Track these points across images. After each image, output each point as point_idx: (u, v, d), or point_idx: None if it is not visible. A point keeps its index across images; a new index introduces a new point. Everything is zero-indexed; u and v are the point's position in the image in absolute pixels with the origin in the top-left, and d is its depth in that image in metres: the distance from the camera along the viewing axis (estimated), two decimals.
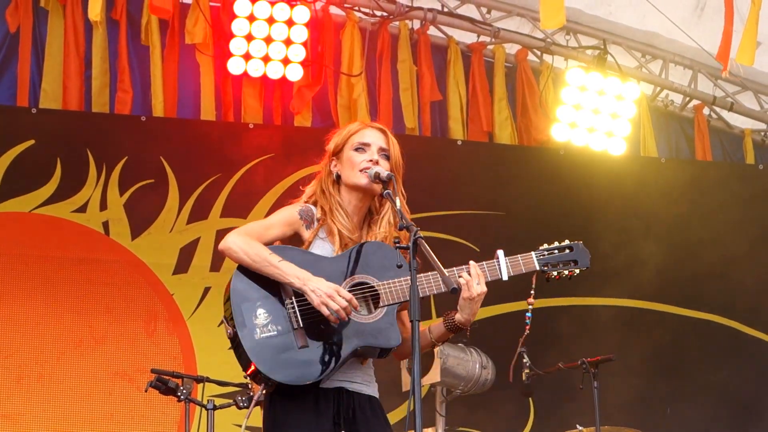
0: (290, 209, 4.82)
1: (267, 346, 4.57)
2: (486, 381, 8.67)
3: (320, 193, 4.85)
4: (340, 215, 4.77)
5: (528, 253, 4.81)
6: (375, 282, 4.65)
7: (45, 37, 9.24)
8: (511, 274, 4.75)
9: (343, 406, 4.64)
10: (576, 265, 4.87)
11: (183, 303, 8.86)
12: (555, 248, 4.86)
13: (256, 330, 4.59)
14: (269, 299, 4.64)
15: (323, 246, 4.74)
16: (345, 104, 9.71)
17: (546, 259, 4.83)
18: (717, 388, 9.54)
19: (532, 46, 10.25)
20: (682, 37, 9.80)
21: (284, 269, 4.61)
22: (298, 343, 4.57)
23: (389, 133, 4.92)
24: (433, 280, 4.64)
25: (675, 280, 9.71)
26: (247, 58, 9.39)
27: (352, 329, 4.60)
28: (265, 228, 4.77)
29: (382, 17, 9.82)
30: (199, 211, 9.03)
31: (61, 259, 8.74)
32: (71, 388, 8.52)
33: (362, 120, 5.16)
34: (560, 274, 4.85)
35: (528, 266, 4.79)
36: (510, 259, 4.76)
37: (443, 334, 4.74)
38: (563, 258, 4.85)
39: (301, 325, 4.58)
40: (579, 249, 4.88)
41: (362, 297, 4.66)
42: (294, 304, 4.61)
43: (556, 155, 9.98)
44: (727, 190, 9.97)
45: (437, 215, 9.20)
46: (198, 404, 6.93)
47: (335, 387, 4.64)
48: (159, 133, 9.19)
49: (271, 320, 4.60)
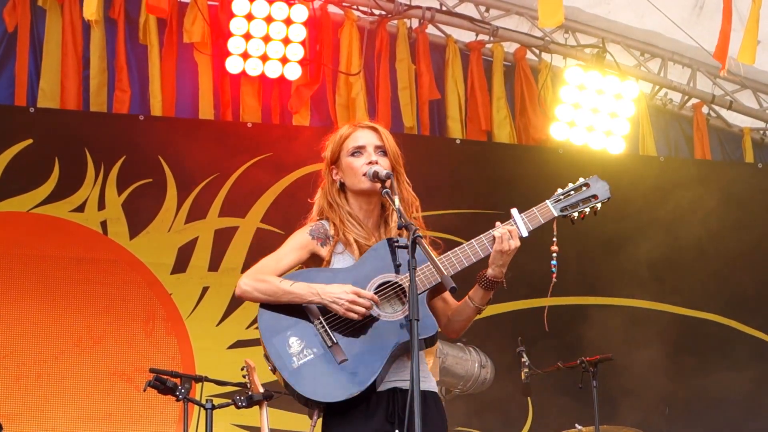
0: (301, 233, 4.79)
1: (307, 371, 4.55)
2: (485, 380, 8.67)
3: (327, 207, 4.82)
4: (352, 225, 4.75)
5: (542, 203, 4.76)
6: (397, 278, 4.62)
7: (43, 36, 9.23)
8: (531, 228, 4.70)
9: (399, 405, 4.58)
10: (597, 200, 4.81)
11: (181, 303, 8.86)
12: (570, 189, 4.81)
13: (293, 360, 4.56)
14: (298, 325, 4.61)
15: (343, 260, 4.72)
16: (343, 103, 9.70)
17: (563, 203, 4.77)
18: (716, 388, 9.53)
19: (530, 45, 10.24)
20: (681, 36, 9.79)
21: (298, 291, 4.60)
22: (338, 359, 4.54)
23: (380, 128, 4.88)
24: (431, 272, 4.61)
25: (673, 280, 9.70)
26: (246, 57, 9.39)
27: (387, 329, 4.57)
28: (277, 260, 4.74)
29: (380, 16, 9.82)
30: (197, 211, 9.02)
31: (59, 258, 8.73)
32: (70, 387, 8.52)
33: (352, 122, 5.11)
34: (583, 212, 4.79)
35: (546, 216, 4.73)
36: (526, 215, 4.72)
37: (483, 295, 4.73)
38: (581, 196, 4.80)
39: (335, 341, 4.56)
40: (596, 182, 4.84)
41: (393, 294, 4.63)
42: (323, 322, 4.59)
43: (555, 154, 9.97)
44: (726, 188, 9.96)
45: (435, 214, 9.19)
46: (196, 404, 6.91)
47: (389, 389, 4.61)
48: (157, 132, 9.18)
49: (305, 345, 4.57)
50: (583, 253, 9.32)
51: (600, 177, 4.88)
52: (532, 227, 4.71)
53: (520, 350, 7.99)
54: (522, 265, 5.15)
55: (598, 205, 4.83)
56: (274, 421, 6.82)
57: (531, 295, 8.78)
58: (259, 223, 9.04)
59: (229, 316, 8.79)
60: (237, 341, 8.76)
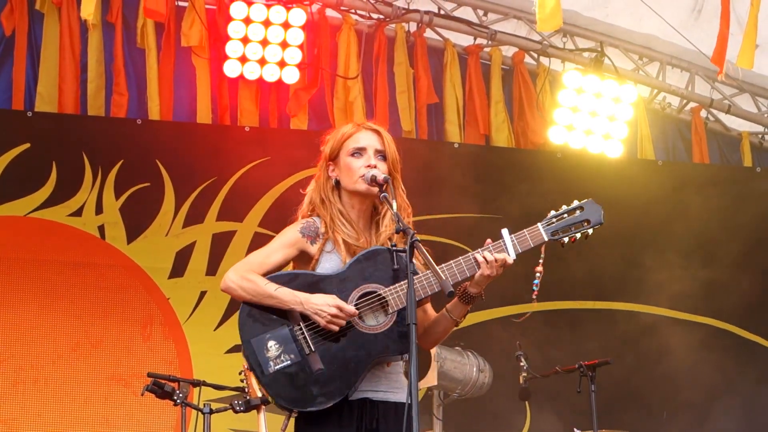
0: (291, 229, 4.79)
1: (282, 377, 4.55)
2: (483, 384, 8.66)
3: (319, 203, 4.81)
4: (341, 224, 4.73)
5: (534, 226, 4.73)
6: (382, 289, 4.60)
7: (40, 40, 9.22)
8: (519, 251, 4.67)
9: (367, 417, 4.59)
10: (589, 225, 4.77)
11: (179, 307, 8.85)
12: (563, 212, 4.77)
13: (269, 363, 4.56)
14: (278, 328, 4.61)
15: (331, 259, 4.70)
16: (341, 107, 9.69)
17: (555, 227, 4.73)
18: (714, 392, 9.53)
19: (528, 49, 10.23)
20: (679, 40, 9.79)
21: (282, 297, 4.59)
22: (314, 368, 4.53)
23: (383, 131, 4.86)
24: (426, 280, 4.60)
25: (672, 283, 9.69)
26: (243, 61, 9.37)
27: (365, 341, 4.56)
28: (266, 256, 4.75)
29: (378, 20, 9.81)
30: (195, 215, 9.01)
31: (56, 263, 8.72)
32: (67, 392, 8.51)
33: (356, 121, 5.09)
34: (573, 237, 4.76)
35: (536, 239, 4.70)
36: (516, 236, 4.69)
37: (461, 308, 4.71)
38: (574, 220, 4.76)
39: (313, 350, 4.55)
40: (590, 206, 4.79)
41: (378, 305, 4.61)
42: (303, 329, 4.58)
43: (553, 158, 9.97)
44: (724, 192, 9.96)
45: (433, 218, 9.19)
46: (194, 408, 6.91)
47: (359, 399, 4.60)
48: (155, 136, 9.18)
49: (282, 350, 4.57)
50: (581, 258, 9.31)
51: (595, 201, 4.82)
52: (521, 250, 4.68)
53: (518, 354, 7.99)
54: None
55: (590, 231, 4.79)
56: (272, 425, 6.81)
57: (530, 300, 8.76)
58: (257, 227, 9.03)
59: (227, 321, 8.77)
60: (235, 346, 8.73)
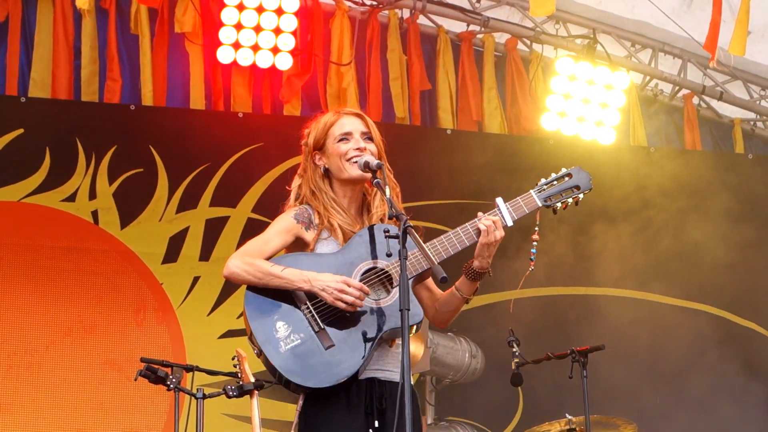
0: (285, 216, 4.83)
1: (293, 356, 4.57)
2: (475, 370, 8.70)
3: (310, 194, 4.85)
4: (336, 212, 4.77)
5: (527, 193, 4.81)
6: (384, 264, 4.65)
7: (34, 25, 9.22)
8: (515, 217, 4.76)
9: (376, 397, 4.63)
10: (579, 190, 4.87)
11: (172, 292, 8.86)
12: (553, 179, 4.86)
13: (279, 344, 4.59)
14: (285, 310, 4.64)
15: (328, 245, 4.74)
16: (334, 93, 9.69)
17: (547, 193, 4.82)
18: (707, 378, 9.55)
19: (521, 36, 10.24)
20: (672, 27, 9.80)
21: (289, 277, 4.62)
22: (325, 345, 4.57)
23: (364, 114, 4.94)
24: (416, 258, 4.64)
25: (663, 269, 9.71)
26: (237, 47, 9.38)
27: (374, 316, 4.60)
28: (264, 243, 4.78)
29: (371, 6, 9.82)
30: (188, 201, 9.02)
31: (50, 248, 8.73)
32: (61, 377, 8.52)
33: (334, 108, 5.14)
34: (565, 203, 4.85)
35: (530, 205, 4.79)
36: (510, 204, 4.77)
37: (470, 285, 4.76)
38: (564, 186, 4.85)
39: (323, 327, 4.59)
40: (578, 172, 4.89)
41: (377, 281, 4.66)
42: (310, 307, 4.61)
43: (546, 144, 9.97)
44: (716, 179, 9.97)
45: (426, 204, 9.20)
46: (187, 393, 6.91)
47: (367, 378, 4.63)
48: (148, 122, 9.18)
49: (292, 330, 4.60)
50: (572, 244, 9.33)
51: (582, 168, 4.91)
52: (517, 217, 4.77)
53: (510, 340, 8.00)
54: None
55: (580, 196, 4.89)
56: (265, 410, 6.82)
57: (523, 285, 8.78)
58: (251, 213, 9.04)
59: (220, 306, 8.79)
60: (228, 331, 8.77)
